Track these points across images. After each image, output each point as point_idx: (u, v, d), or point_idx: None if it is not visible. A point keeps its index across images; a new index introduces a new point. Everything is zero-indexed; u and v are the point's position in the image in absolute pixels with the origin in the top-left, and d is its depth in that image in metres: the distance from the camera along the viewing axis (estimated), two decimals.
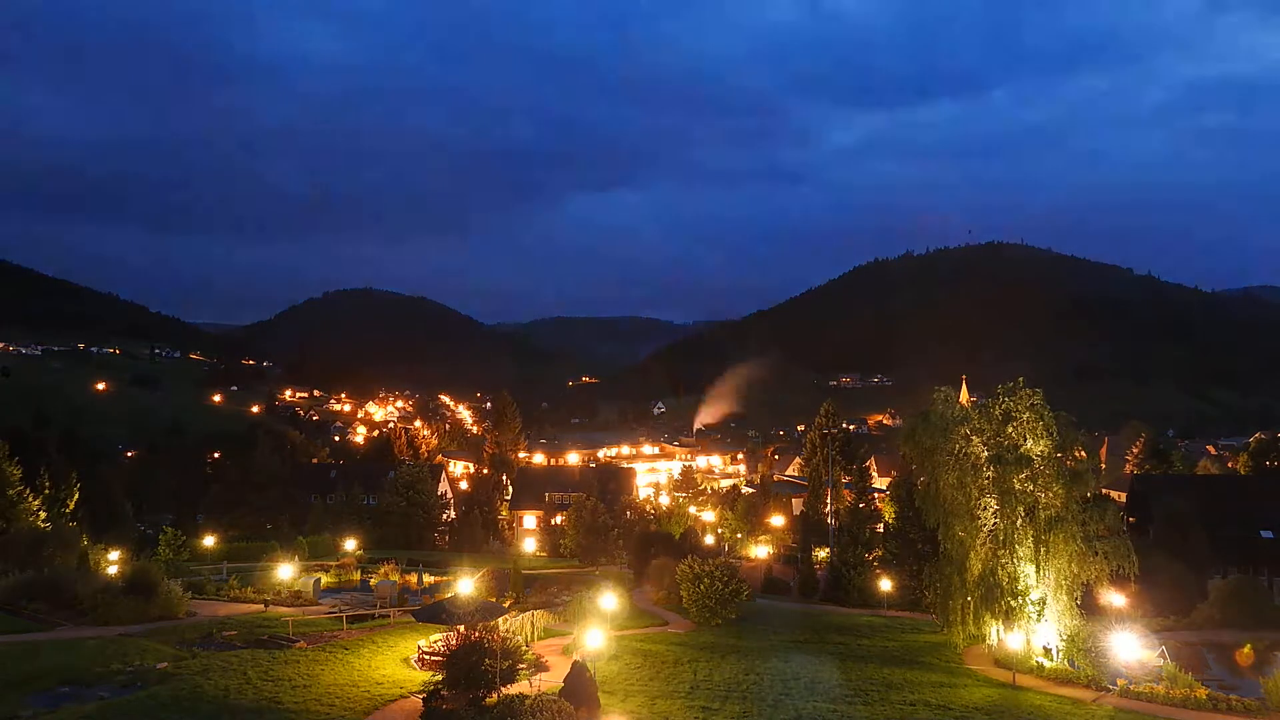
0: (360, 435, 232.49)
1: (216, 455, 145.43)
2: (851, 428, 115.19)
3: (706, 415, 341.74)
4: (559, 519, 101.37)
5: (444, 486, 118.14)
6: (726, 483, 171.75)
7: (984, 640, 48.25)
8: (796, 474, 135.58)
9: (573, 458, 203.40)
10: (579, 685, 33.17)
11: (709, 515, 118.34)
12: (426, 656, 40.42)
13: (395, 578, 67.65)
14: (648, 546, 79.33)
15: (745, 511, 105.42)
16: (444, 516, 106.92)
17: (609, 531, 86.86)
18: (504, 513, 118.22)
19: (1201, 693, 39.81)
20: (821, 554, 78.40)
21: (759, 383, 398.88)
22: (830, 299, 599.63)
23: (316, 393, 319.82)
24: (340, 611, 52.77)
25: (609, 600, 52.38)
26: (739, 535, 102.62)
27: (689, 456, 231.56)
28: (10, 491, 62.79)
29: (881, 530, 79.25)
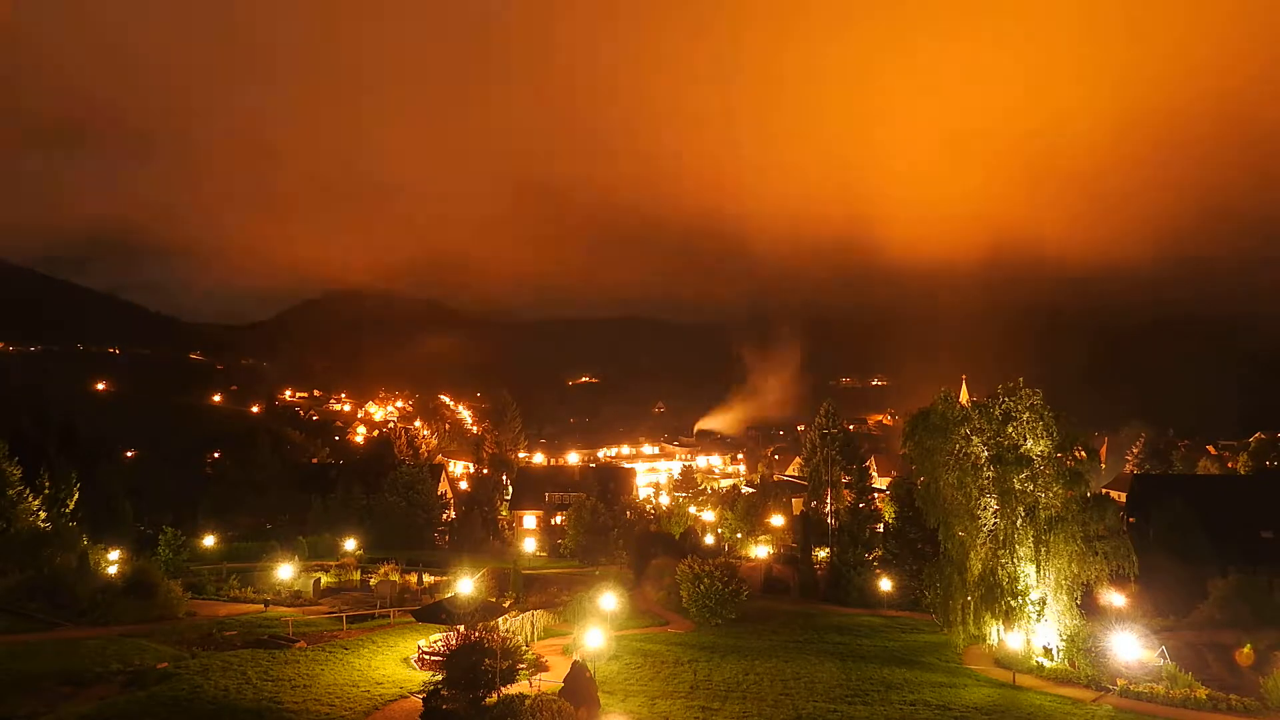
0: (360, 435, 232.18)
1: (216, 455, 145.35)
2: (851, 428, 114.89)
3: (706, 415, 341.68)
4: (559, 519, 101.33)
5: (444, 486, 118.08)
6: (726, 483, 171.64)
7: (984, 640, 48.28)
8: (796, 474, 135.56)
9: (573, 458, 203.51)
10: (579, 685, 33.19)
11: (709, 515, 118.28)
12: (426, 656, 40.45)
13: (395, 578, 67.69)
14: (648, 546, 79.37)
15: (745, 511, 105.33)
16: (444, 516, 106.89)
17: (609, 531, 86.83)
18: (504, 513, 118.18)
19: (1201, 693, 39.83)
20: (821, 554, 78.36)
21: (759, 382, 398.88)
22: (829, 298, 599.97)
23: (316, 393, 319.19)
24: (340, 611, 52.79)
25: (609, 600, 52.41)
26: (739, 535, 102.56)
27: (689, 456, 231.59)
28: (10, 491, 62.68)
29: (881, 530, 79.10)
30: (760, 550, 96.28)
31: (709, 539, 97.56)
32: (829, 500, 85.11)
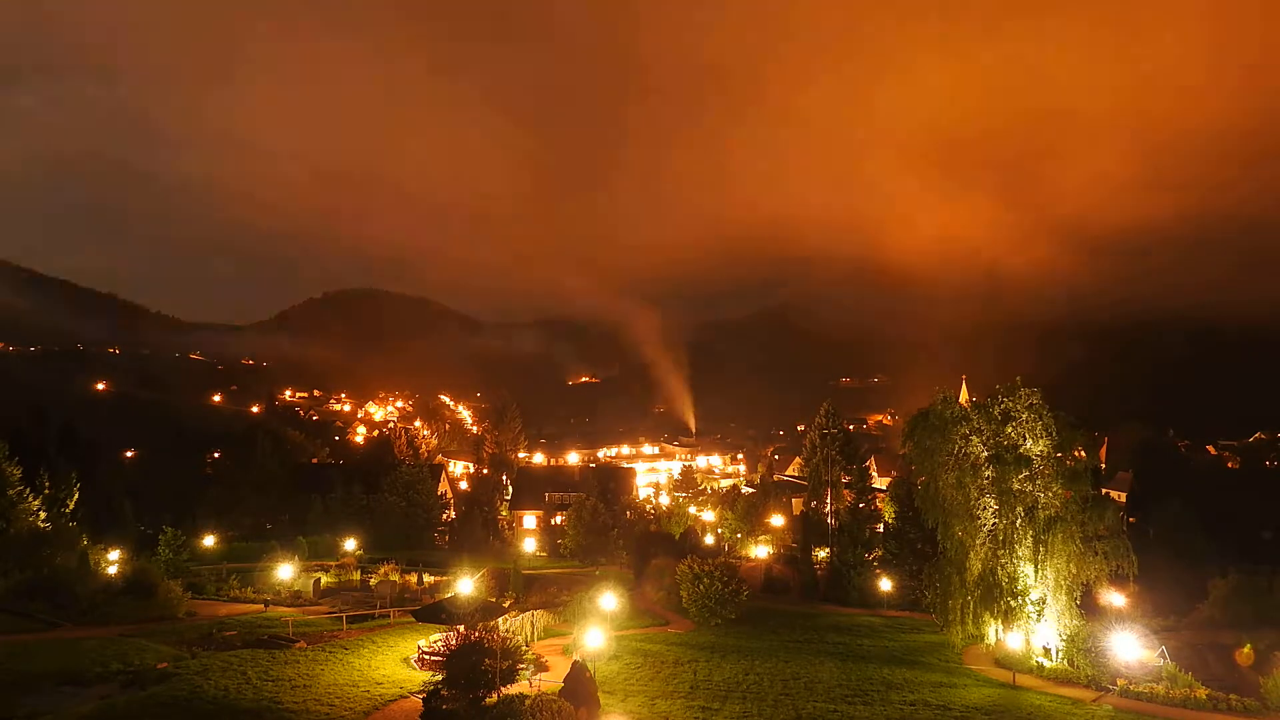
0: (360, 435, 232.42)
1: (216, 455, 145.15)
2: (851, 428, 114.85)
3: (706, 415, 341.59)
4: (559, 519, 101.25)
5: (444, 486, 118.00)
6: (726, 483, 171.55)
7: (983, 640, 48.31)
8: (796, 474, 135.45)
9: (573, 458, 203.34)
10: (579, 685, 33.18)
11: (709, 515, 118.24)
12: (426, 656, 40.43)
13: (395, 578, 67.69)
14: (648, 546, 79.30)
15: (745, 511, 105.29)
16: (444, 516, 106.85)
17: (609, 531, 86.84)
18: (504, 513, 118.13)
19: (1201, 693, 39.85)
20: (821, 554, 78.35)
21: (759, 382, 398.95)
22: (829, 298, 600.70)
23: (316, 393, 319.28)
24: (340, 611, 52.78)
25: (609, 600, 52.39)
26: (739, 535, 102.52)
27: (689, 456, 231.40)
28: (10, 491, 62.69)
29: (881, 530, 79.15)
30: (760, 550, 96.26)
31: (709, 539, 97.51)
32: (829, 500, 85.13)
